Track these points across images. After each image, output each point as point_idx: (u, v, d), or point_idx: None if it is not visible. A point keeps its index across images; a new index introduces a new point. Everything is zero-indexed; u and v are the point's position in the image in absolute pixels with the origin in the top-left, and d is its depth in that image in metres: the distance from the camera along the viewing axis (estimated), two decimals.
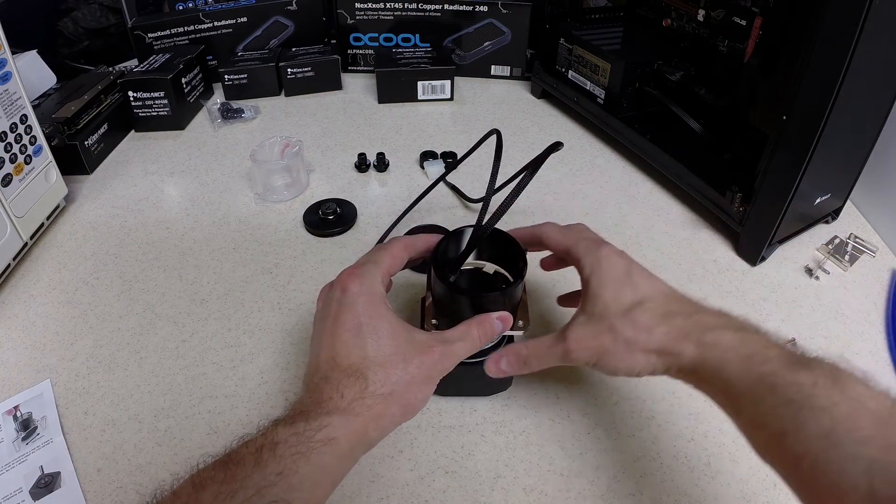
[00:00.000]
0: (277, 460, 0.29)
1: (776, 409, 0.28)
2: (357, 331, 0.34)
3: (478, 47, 0.92)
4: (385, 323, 0.35)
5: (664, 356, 0.34)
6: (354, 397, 0.32)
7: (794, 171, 0.50)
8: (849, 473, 0.25)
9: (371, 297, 0.36)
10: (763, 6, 0.58)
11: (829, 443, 0.26)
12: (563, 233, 0.41)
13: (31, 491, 0.39)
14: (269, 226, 0.63)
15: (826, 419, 0.26)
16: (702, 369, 0.32)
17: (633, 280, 0.36)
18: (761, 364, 0.30)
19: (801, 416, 0.27)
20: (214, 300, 0.54)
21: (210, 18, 0.88)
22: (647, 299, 0.35)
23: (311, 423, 0.31)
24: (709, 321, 0.34)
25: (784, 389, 0.28)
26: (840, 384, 0.27)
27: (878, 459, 0.24)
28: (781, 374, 0.29)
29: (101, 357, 0.48)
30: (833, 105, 0.46)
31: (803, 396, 0.28)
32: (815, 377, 0.28)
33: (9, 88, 0.54)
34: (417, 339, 0.36)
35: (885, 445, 0.25)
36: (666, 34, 0.73)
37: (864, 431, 0.26)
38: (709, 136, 0.67)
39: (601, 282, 0.36)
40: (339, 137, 0.79)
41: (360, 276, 0.37)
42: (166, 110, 0.78)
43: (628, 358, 0.35)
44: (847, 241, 0.59)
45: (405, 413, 0.34)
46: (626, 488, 0.39)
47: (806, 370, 0.29)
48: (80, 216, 0.65)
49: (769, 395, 0.29)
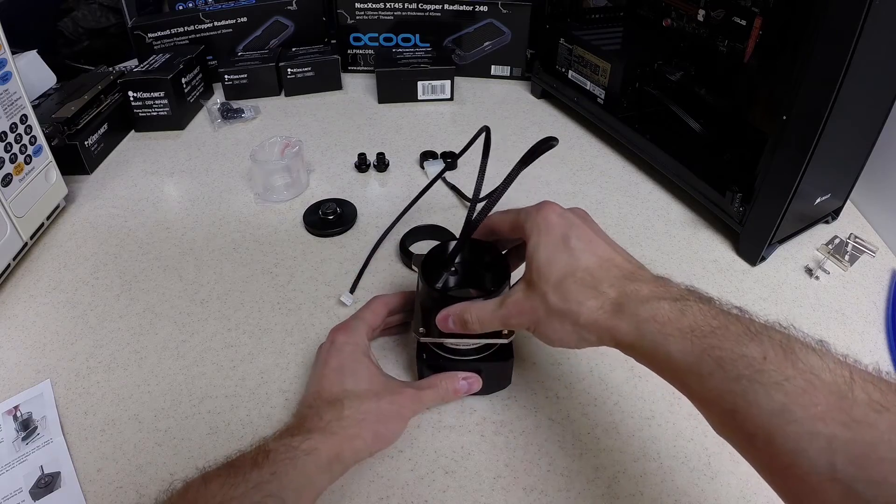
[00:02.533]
0: (271, 464, 0.34)
1: (725, 385, 0.27)
2: (340, 370, 0.41)
3: (478, 47, 0.92)
4: (364, 367, 0.41)
5: (597, 331, 0.33)
6: (331, 419, 0.37)
7: (794, 171, 0.50)
8: (808, 452, 0.23)
9: (355, 347, 0.42)
10: (763, 6, 0.58)
11: (784, 420, 0.24)
12: (506, 211, 0.40)
13: (31, 491, 0.39)
14: (269, 226, 0.63)
15: (779, 395, 0.25)
16: (640, 346, 0.31)
17: (569, 245, 0.35)
18: (704, 337, 0.28)
19: (752, 392, 0.25)
20: (214, 300, 0.54)
21: (210, 18, 0.88)
22: (580, 268, 0.34)
23: (296, 437, 0.36)
24: (644, 291, 0.32)
25: (732, 364, 0.26)
26: (792, 356, 0.26)
27: (838, 436, 0.23)
28: (728, 348, 0.27)
29: (101, 357, 0.48)
30: (833, 105, 0.46)
31: (753, 371, 0.26)
32: (764, 350, 0.26)
33: (9, 88, 0.54)
34: (391, 383, 0.42)
35: (844, 421, 0.23)
36: (666, 34, 0.73)
37: (820, 407, 0.24)
38: (709, 136, 0.67)
39: (537, 246, 0.35)
40: (339, 137, 0.79)
41: (346, 330, 0.44)
42: (166, 110, 0.78)
43: (560, 329, 0.34)
44: (847, 241, 0.59)
45: (376, 440, 0.39)
46: (626, 488, 0.39)
47: (755, 342, 0.27)
48: (80, 216, 0.65)
49: (716, 370, 0.27)
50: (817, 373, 0.25)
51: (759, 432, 0.25)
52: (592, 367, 0.47)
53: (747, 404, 0.26)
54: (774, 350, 0.26)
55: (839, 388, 0.24)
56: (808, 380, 0.25)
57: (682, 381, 0.29)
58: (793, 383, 0.25)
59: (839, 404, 0.24)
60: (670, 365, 0.29)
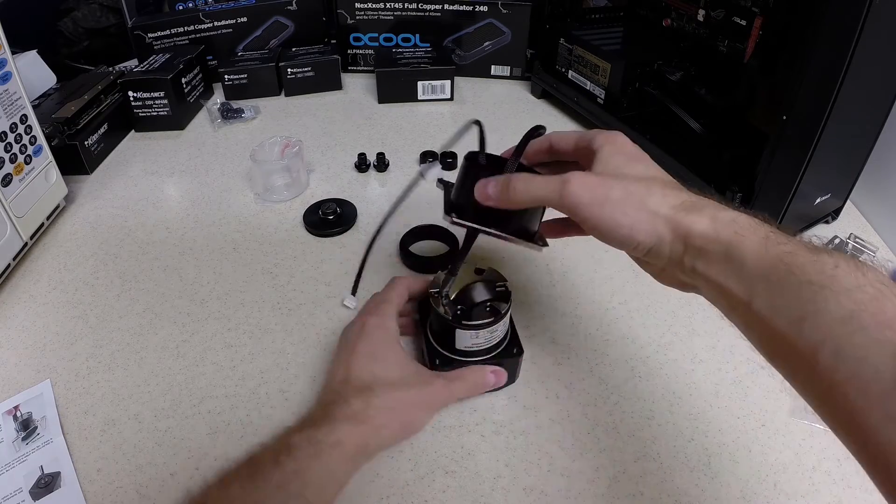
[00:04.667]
0: (293, 460, 0.32)
1: (795, 291, 0.26)
2: (370, 356, 0.40)
3: (478, 47, 0.92)
4: (394, 354, 0.40)
5: (673, 224, 0.31)
6: (360, 407, 0.36)
7: (794, 171, 0.50)
8: (873, 360, 0.23)
9: (385, 332, 0.41)
10: (763, 6, 0.58)
11: (853, 327, 0.24)
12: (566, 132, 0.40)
13: (31, 491, 0.39)
14: (269, 226, 0.63)
15: (848, 301, 0.24)
16: (713, 246, 0.29)
17: (645, 161, 0.35)
18: (780, 244, 0.28)
19: (822, 297, 0.25)
20: (214, 300, 0.54)
21: (210, 18, 0.88)
22: (660, 177, 0.34)
23: (321, 429, 0.34)
24: (721, 205, 0.31)
25: (803, 270, 0.26)
26: (863, 268, 0.25)
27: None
28: (802, 254, 0.27)
29: (101, 357, 0.48)
30: (833, 105, 0.46)
31: (825, 277, 0.25)
32: (836, 260, 0.26)
33: (9, 88, 0.54)
34: (422, 372, 0.41)
35: None
36: (666, 34, 0.73)
37: (889, 314, 0.23)
38: (709, 136, 0.67)
39: (613, 152, 0.35)
40: (339, 137, 0.79)
41: (378, 314, 0.42)
42: (166, 110, 0.78)
43: (634, 214, 0.31)
44: (847, 241, 0.59)
45: (404, 430, 0.39)
46: (626, 488, 0.39)
47: (826, 253, 0.27)
48: (80, 216, 0.64)
49: (788, 276, 0.26)
50: (887, 285, 0.25)
51: (828, 341, 0.24)
52: (592, 367, 0.47)
53: (816, 310, 0.25)
54: (846, 262, 0.26)
55: None
56: (877, 289, 0.24)
57: (748, 290, 0.28)
58: (863, 291, 0.24)
59: None
60: (741, 270, 0.28)
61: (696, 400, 0.45)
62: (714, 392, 0.45)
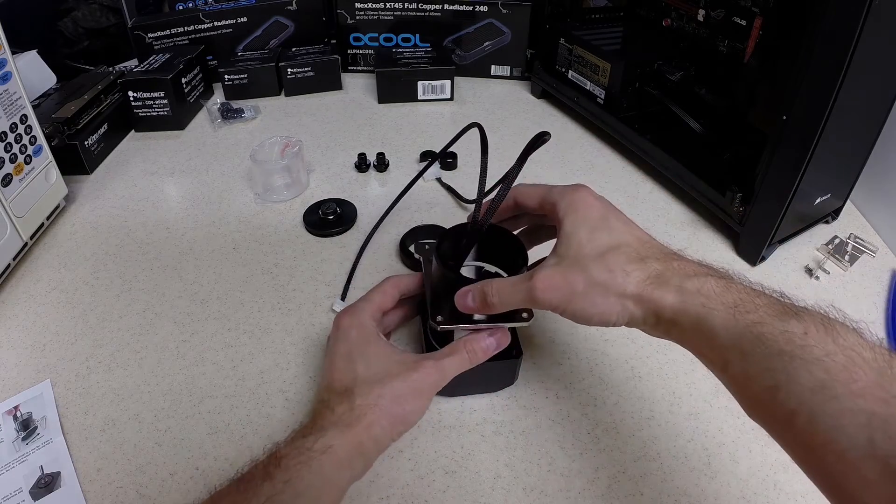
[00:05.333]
0: (283, 471, 0.32)
1: (766, 361, 0.27)
2: (348, 357, 0.38)
3: (478, 47, 0.92)
4: (374, 348, 0.39)
5: (641, 303, 0.32)
6: (344, 411, 0.35)
7: (794, 171, 0.50)
8: (847, 429, 0.23)
9: (360, 329, 0.40)
10: (763, 6, 0.58)
11: (825, 396, 0.24)
12: (535, 185, 0.40)
13: (31, 491, 0.39)
14: (269, 226, 0.63)
15: (820, 371, 0.25)
16: (683, 319, 0.30)
17: (609, 224, 0.35)
18: (748, 313, 0.28)
19: (793, 367, 0.25)
20: (214, 300, 0.54)
21: (210, 18, 0.88)
22: (624, 244, 0.34)
23: (308, 438, 0.34)
24: (689, 268, 0.32)
25: (774, 339, 0.27)
26: (833, 333, 0.26)
27: (877, 413, 0.23)
28: (770, 323, 0.27)
29: (101, 357, 0.48)
30: (833, 105, 0.46)
31: (795, 347, 0.26)
32: (805, 326, 0.26)
33: (9, 88, 0.54)
34: (406, 359, 0.39)
35: (883, 398, 0.23)
36: (666, 34, 0.73)
37: (861, 383, 0.24)
38: (709, 136, 0.67)
39: (575, 224, 0.35)
40: (339, 137, 0.79)
41: (350, 314, 0.41)
42: (166, 110, 0.78)
43: (602, 302, 0.32)
44: (847, 241, 0.59)
45: (397, 423, 0.36)
46: (626, 488, 0.39)
47: (796, 319, 0.27)
48: (80, 216, 0.65)
49: (758, 345, 0.27)
50: (857, 350, 0.25)
51: (801, 409, 0.25)
52: (592, 367, 0.47)
53: (788, 380, 0.25)
54: (815, 327, 0.26)
55: (879, 365, 0.24)
56: (848, 356, 0.25)
57: (722, 358, 0.29)
58: (833, 359, 0.25)
59: (879, 381, 0.24)
60: (712, 341, 0.29)
61: (696, 400, 0.45)
62: (714, 392, 0.45)
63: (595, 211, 0.35)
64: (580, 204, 0.36)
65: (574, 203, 0.36)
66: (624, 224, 0.35)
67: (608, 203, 0.37)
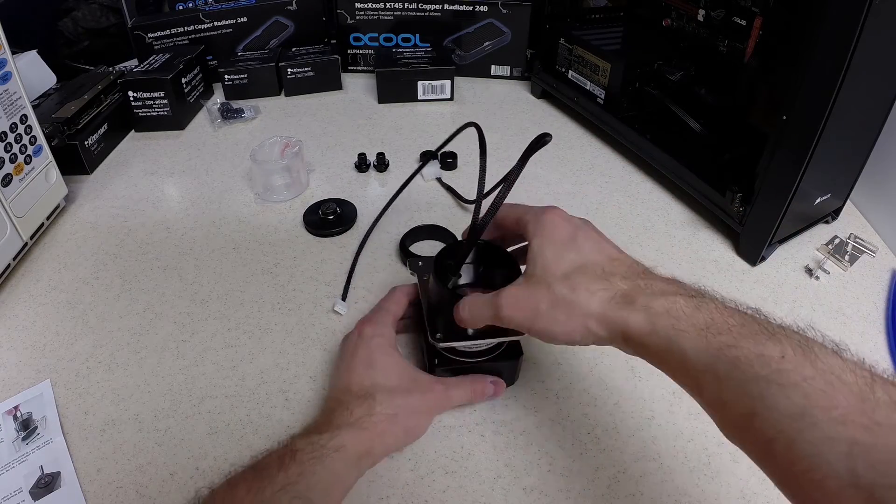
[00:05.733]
0: (298, 464, 0.33)
1: (742, 387, 0.25)
2: (369, 363, 0.40)
3: (478, 47, 0.92)
4: (393, 361, 0.41)
5: (606, 323, 0.31)
6: (362, 415, 0.37)
7: (794, 171, 0.50)
8: (827, 457, 0.22)
9: (383, 339, 0.42)
10: (763, 6, 0.58)
11: (804, 423, 0.23)
12: (514, 205, 0.40)
13: (31, 491, 0.39)
14: (269, 226, 0.63)
15: (798, 396, 0.24)
16: (653, 341, 0.29)
17: (577, 243, 0.34)
18: (721, 334, 0.27)
19: (770, 393, 0.24)
20: (214, 300, 0.54)
21: (210, 18, 0.88)
22: (590, 263, 0.33)
23: (323, 435, 0.35)
24: (658, 286, 0.31)
25: (749, 363, 0.25)
26: (811, 356, 0.25)
27: (859, 441, 0.22)
28: (744, 347, 0.26)
29: (101, 357, 0.48)
30: (833, 105, 0.46)
31: (771, 371, 0.25)
32: (782, 349, 0.25)
33: (9, 88, 0.54)
34: (421, 378, 0.41)
35: (865, 424, 0.22)
36: (666, 34, 0.73)
37: (841, 409, 0.23)
38: (709, 136, 0.67)
39: (542, 244, 0.35)
40: (339, 137, 0.79)
41: (374, 322, 0.43)
42: (166, 110, 0.78)
43: (565, 321, 0.32)
44: (847, 241, 0.59)
45: (407, 435, 0.39)
46: (626, 488, 0.39)
47: (772, 341, 0.26)
48: (80, 216, 0.64)
49: (733, 370, 0.26)
50: (837, 373, 0.24)
51: (780, 437, 0.24)
52: (592, 367, 0.47)
53: (765, 408, 0.24)
54: (793, 349, 0.25)
55: (860, 390, 0.23)
56: (828, 380, 0.24)
57: (695, 382, 0.28)
58: (812, 384, 0.24)
59: (860, 406, 0.23)
60: (684, 364, 0.28)
61: None
62: None
63: (563, 231, 0.35)
64: (548, 225, 0.36)
65: (543, 224, 0.36)
66: (593, 242, 0.35)
67: (580, 223, 0.37)
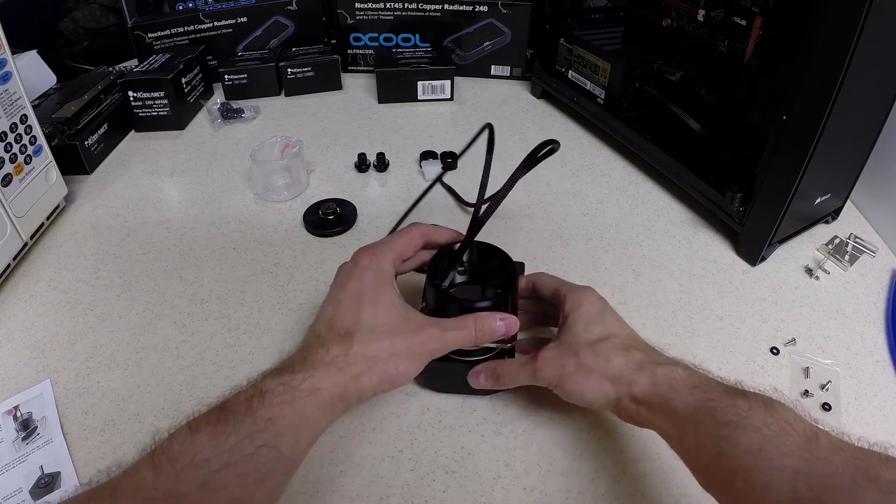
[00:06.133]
0: (266, 407, 0.31)
1: (715, 430, 0.32)
2: (358, 298, 0.37)
3: (478, 47, 0.92)
4: (385, 297, 0.38)
5: (618, 383, 0.37)
6: (338, 353, 0.35)
7: (794, 171, 0.50)
8: (776, 482, 0.28)
9: (378, 273, 0.39)
10: (763, 6, 0.58)
11: (761, 458, 0.29)
12: (552, 277, 0.46)
13: (31, 491, 0.39)
14: (269, 226, 0.63)
15: (757, 437, 0.30)
16: (652, 399, 0.35)
17: (604, 319, 0.41)
18: (705, 392, 0.34)
19: (736, 434, 0.30)
20: (214, 300, 0.54)
21: (210, 18, 0.88)
22: (613, 336, 0.39)
23: (297, 375, 0.33)
24: (663, 359, 0.38)
25: (723, 412, 0.32)
26: (771, 409, 0.31)
27: (801, 470, 0.28)
28: (722, 399, 0.33)
29: (101, 357, 0.48)
30: (833, 105, 0.46)
31: (740, 418, 0.31)
32: (750, 403, 0.32)
33: (9, 88, 0.54)
34: (412, 318, 0.38)
35: (807, 458, 0.28)
36: (666, 34, 0.73)
37: (789, 447, 0.29)
38: (709, 136, 0.67)
39: (577, 317, 0.41)
40: (339, 137, 0.79)
41: (371, 254, 0.40)
42: (166, 110, 0.78)
43: (585, 383, 0.38)
44: (847, 241, 0.59)
45: (383, 382, 0.36)
46: (626, 488, 0.39)
47: (742, 398, 0.32)
48: (80, 216, 0.64)
49: (710, 417, 0.32)
50: (790, 422, 0.30)
51: (739, 472, 0.29)
52: None
53: (730, 446, 0.30)
54: (758, 404, 0.32)
55: (807, 435, 0.30)
56: (782, 427, 0.30)
57: (679, 429, 0.34)
58: (769, 428, 0.30)
59: (806, 446, 0.29)
60: (673, 416, 0.34)
61: None
62: None
63: (595, 307, 0.41)
64: (584, 301, 0.41)
65: (580, 300, 0.42)
66: (617, 320, 0.41)
67: (607, 302, 0.43)
